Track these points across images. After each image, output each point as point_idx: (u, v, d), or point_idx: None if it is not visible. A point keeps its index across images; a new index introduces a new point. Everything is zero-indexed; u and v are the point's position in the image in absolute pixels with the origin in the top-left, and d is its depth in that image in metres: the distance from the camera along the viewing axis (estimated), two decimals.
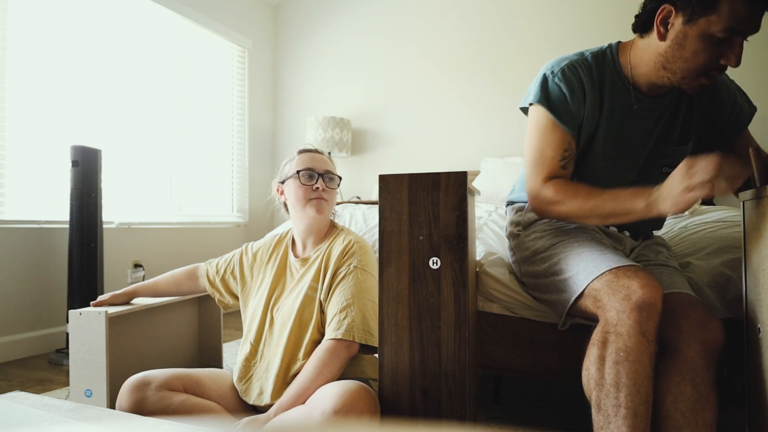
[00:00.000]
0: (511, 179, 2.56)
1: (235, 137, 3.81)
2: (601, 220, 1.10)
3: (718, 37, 0.99)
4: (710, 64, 1.03)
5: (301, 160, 1.35)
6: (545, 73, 1.20)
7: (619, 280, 0.98)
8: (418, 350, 1.13)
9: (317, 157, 1.36)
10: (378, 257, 1.18)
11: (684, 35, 1.02)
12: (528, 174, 1.20)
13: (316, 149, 1.40)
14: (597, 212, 1.08)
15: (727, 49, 1.00)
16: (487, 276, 1.32)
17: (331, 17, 3.89)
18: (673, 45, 1.05)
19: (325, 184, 1.32)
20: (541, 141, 1.18)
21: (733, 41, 0.99)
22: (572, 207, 1.10)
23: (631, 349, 0.92)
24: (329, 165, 1.38)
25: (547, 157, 1.17)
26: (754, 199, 0.96)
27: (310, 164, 1.33)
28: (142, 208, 3.04)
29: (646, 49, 1.12)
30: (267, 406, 1.20)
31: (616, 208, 1.05)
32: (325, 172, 1.34)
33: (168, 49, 3.22)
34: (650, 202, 1.00)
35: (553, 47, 3.07)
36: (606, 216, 1.08)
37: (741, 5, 0.96)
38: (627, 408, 0.91)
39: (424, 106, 3.54)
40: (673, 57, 1.06)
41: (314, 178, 1.32)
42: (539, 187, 1.16)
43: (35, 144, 2.45)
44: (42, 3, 2.48)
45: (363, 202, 2.72)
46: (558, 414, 1.63)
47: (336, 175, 1.37)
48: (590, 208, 1.08)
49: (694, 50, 1.02)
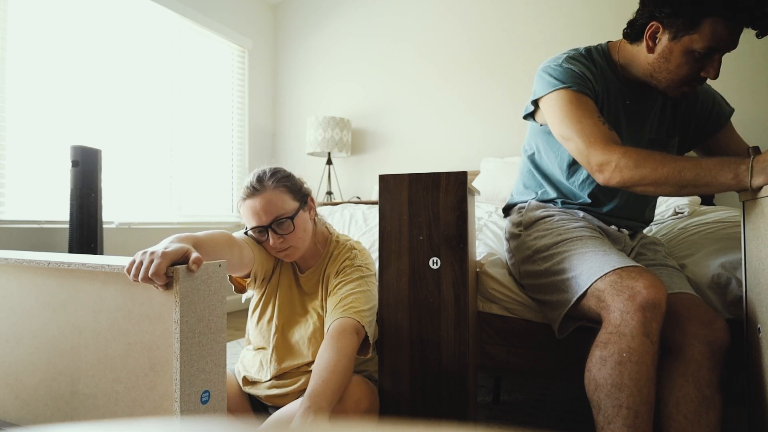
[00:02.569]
0: (511, 179, 2.56)
1: (235, 137, 3.81)
2: (676, 189, 1.01)
3: (700, 53, 1.08)
4: (692, 76, 1.12)
5: (244, 214, 1.18)
6: (548, 65, 1.22)
7: (624, 280, 0.98)
8: (418, 350, 1.13)
9: (258, 205, 1.15)
10: (378, 257, 1.19)
11: (669, 50, 1.12)
12: (581, 151, 1.12)
13: (254, 188, 1.16)
14: (674, 179, 0.99)
15: (708, 63, 1.10)
16: (487, 276, 1.32)
17: (332, 17, 3.89)
18: (659, 58, 1.14)
19: (277, 235, 1.16)
20: (574, 115, 1.13)
21: (712, 57, 1.09)
22: (645, 171, 1.02)
23: (634, 350, 0.92)
24: (275, 207, 1.15)
25: (588, 125, 1.11)
26: (754, 199, 0.96)
27: (254, 220, 1.16)
28: (142, 208, 3.04)
29: (636, 55, 1.20)
30: (278, 400, 1.21)
31: (697, 176, 0.97)
32: (272, 222, 1.15)
33: (168, 49, 3.22)
34: (739, 174, 0.94)
35: (552, 47, 3.07)
36: (683, 185, 0.99)
37: (721, 27, 1.04)
38: (628, 408, 0.91)
39: (424, 106, 3.54)
40: (660, 68, 1.15)
41: (263, 233, 1.17)
42: (602, 155, 1.07)
43: (35, 144, 2.46)
44: (42, 3, 2.48)
45: (363, 202, 2.72)
46: (558, 414, 1.64)
47: (287, 218, 1.15)
48: (667, 174, 1.00)
49: (678, 63, 1.11)
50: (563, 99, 1.15)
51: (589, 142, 1.09)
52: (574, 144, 1.13)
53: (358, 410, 1.05)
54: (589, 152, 1.09)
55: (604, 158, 1.06)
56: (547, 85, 1.19)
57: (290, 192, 1.19)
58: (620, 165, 1.04)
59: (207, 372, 0.84)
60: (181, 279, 0.79)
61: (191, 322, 0.80)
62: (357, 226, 1.78)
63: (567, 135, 1.14)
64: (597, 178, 1.10)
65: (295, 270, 1.28)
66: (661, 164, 1.01)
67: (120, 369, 0.86)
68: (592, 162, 1.09)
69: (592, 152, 1.08)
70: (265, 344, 1.25)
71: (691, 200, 1.73)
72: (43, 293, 0.96)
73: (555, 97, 1.17)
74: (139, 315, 0.84)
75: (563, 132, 1.16)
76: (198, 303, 0.82)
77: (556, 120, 1.17)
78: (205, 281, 0.84)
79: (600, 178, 1.09)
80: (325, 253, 1.27)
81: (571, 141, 1.13)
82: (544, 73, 1.21)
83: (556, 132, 1.18)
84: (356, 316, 1.09)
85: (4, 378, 1.01)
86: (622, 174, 1.04)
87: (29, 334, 0.97)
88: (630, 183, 1.04)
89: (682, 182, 0.99)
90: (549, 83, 1.19)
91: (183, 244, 0.84)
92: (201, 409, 0.83)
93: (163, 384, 0.82)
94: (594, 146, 1.08)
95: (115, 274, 0.87)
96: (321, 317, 1.21)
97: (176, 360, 0.78)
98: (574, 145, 1.13)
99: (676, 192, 1.02)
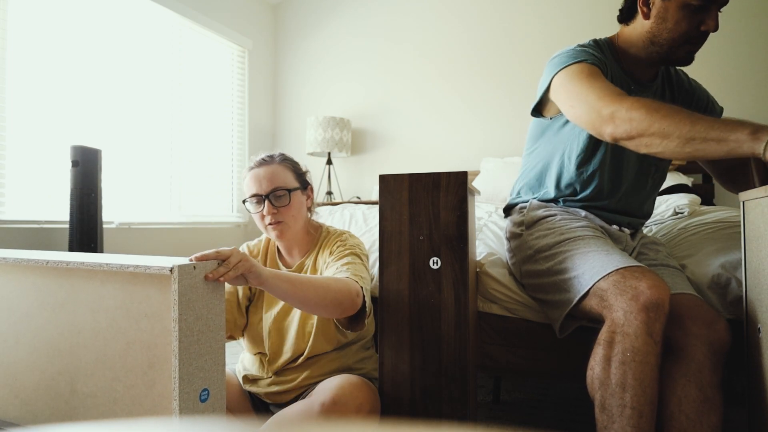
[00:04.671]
0: (511, 179, 2.56)
1: (235, 137, 3.81)
2: (682, 142, 0.94)
3: (696, 5, 1.10)
4: (692, 32, 1.14)
5: (247, 182, 1.23)
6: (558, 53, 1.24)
7: (627, 280, 0.98)
8: (418, 350, 1.13)
9: (261, 173, 1.20)
10: (378, 257, 1.18)
11: (665, 9, 1.14)
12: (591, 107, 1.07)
13: (263, 159, 1.24)
14: (684, 127, 0.93)
15: (705, 16, 1.12)
16: (487, 276, 1.32)
17: (332, 17, 3.89)
18: (656, 20, 1.16)
19: (273, 206, 1.19)
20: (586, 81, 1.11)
21: (709, 8, 1.11)
22: (655, 117, 0.97)
23: (637, 350, 0.92)
24: (277, 178, 1.21)
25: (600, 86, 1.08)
26: (754, 199, 0.96)
27: (254, 187, 1.20)
28: (142, 208, 3.04)
29: (632, 33, 1.23)
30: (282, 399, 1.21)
31: (710, 127, 0.91)
32: (270, 192, 1.19)
33: (168, 49, 3.22)
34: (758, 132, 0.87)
35: (552, 47, 3.06)
36: (692, 137, 0.92)
37: None
38: (632, 408, 0.91)
39: (424, 106, 3.54)
40: (659, 30, 1.17)
41: (260, 203, 1.20)
42: (614, 104, 1.03)
43: (35, 144, 2.45)
44: (42, 3, 2.48)
45: (363, 202, 2.72)
46: (558, 414, 1.63)
47: (286, 190, 1.20)
48: (678, 121, 0.94)
49: (676, 19, 1.14)
50: (575, 70, 1.15)
51: (600, 96, 1.06)
52: (585, 105, 1.08)
53: (360, 413, 1.05)
54: (600, 105, 1.05)
55: (614, 107, 1.02)
56: (560, 64, 1.19)
57: (294, 173, 1.26)
58: (631, 112, 0.99)
59: (206, 370, 0.83)
60: (179, 277, 0.78)
61: (190, 320, 0.80)
62: (357, 226, 1.78)
63: (578, 100, 1.11)
64: (606, 130, 1.04)
65: (278, 266, 1.29)
66: (673, 111, 0.96)
67: (119, 368, 0.86)
68: (603, 113, 1.04)
69: (603, 104, 1.04)
70: (261, 348, 1.25)
71: (691, 200, 1.73)
72: (41, 292, 0.96)
73: (567, 71, 1.17)
74: (137, 313, 0.84)
75: (573, 99, 1.12)
76: (197, 301, 0.82)
77: (567, 91, 1.15)
78: (204, 279, 0.84)
79: (609, 128, 1.03)
80: (316, 242, 1.27)
81: (583, 103, 1.09)
82: (556, 58, 1.23)
83: (566, 105, 1.15)
84: (356, 279, 1.08)
85: (3, 378, 1.01)
86: (632, 122, 0.99)
87: (28, 334, 0.97)
88: (638, 131, 0.98)
89: (690, 133, 0.92)
90: (561, 62, 1.19)
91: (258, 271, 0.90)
92: (200, 408, 0.82)
93: (162, 382, 0.82)
94: (604, 99, 1.05)
95: (114, 273, 0.87)
96: None
97: (175, 358, 0.78)
98: (585, 107, 1.08)
99: (682, 146, 0.94)
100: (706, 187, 2.52)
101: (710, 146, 0.91)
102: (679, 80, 1.34)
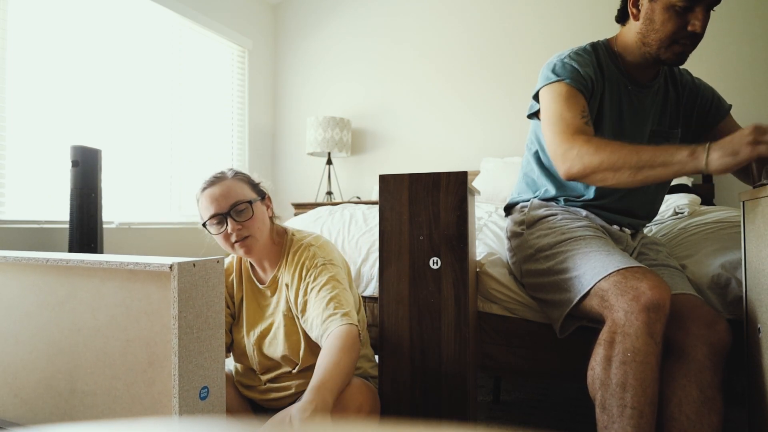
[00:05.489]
0: (511, 179, 2.56)
1: (235, 137, 3.81)
2: (633, 172, 1.01)
3: (680, 6, 1.11)
4: (679, 32, 1.14)
5: (203, 204, 1.18)
6: (552, 60, 1.25)
7: (628, 281, 0.98)
8: (418, 350, 1.13)
9: (217, 191, 1.17)
10: (378, 257, 1.18)
11: (651, 10, 1.16)
12: (551, 141, 1.15)
13: (215, 177, 1.20)
14: (630, 160, 1.00)
15: (692, 16, 1.12)
16: (487, 276, 1.32)
17: (332, 17, 3.89)
18: (645, 21, 1.18)
19: (236, 222, 1.15)
20: (558, 108, 1.16)
21: (694, 9, 1.11)
22: (604, 155, 1.03)
23: (638, 350, 0.92)
24: (234, 193, 1.17)
25: (567, 118, 1.14)
26: (754, 199, 0.96)
27: (212, 207, 1.16)
28: (142, 208, 3.04)
29: (627, 34, 1.24)
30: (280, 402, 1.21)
31: (654, 156, 0.99)
32: (231, 208, 1.15)
33: (168, 49, 3.22)
34: (696, 150, 0.95)
35: (552, 47, 3.07)
36: (641, 166, 1.00)
37: None
38: (633, 408, 0.91)
39: (424, 107, 3.54)
40: (647, 31, 1.18)
41: (221, 223, 1.16)
42: (567, 143, 1.10)
43: (35, 144, 2.45)
44: (42, 3, 2.48)
45: (363, 202, 2.72)
46: (558, 414, 1.63)
47: (246, 203, 1.17)
48: (624, 156, 1.01)
49: (662, 20, 1.15)
50: (555, 92, 1.19)
51: (559, 132, 1.13)
52: (549, 136, 1.15)
53: (360, 414, 1.05)
54: (556, 142, 1.12)
55: (567, 146, 1.09)
56: (544, 80, 1.22)
57: (249, 184, 1.23)
58: (581, 152, 1.06)
59: (205, 368, 0.83)
60: (179, 275, 0.78)
61: (189, 318, 0.80)
62: (357, 226, 1.78)
63: (547, 126, 1.17)
64: (560, 168, 1.11)
65: (254, 283, 1.26)
66: (619, 147, 1.03)
67: (119, 366, 0.86)
68: (557, 151, 1.11)
69: (559, 142, 1.11)
70: (249, 364, 1.25)
71: (691, 200, 1.73)
72: (41, 291, 0.96)
73: (549, 89, 1.20)
74: (137, 311, 0.84)
75: (545, 123, 1.18)
76: (196, 299, 0.82)
77: (543, 111, 1.21)
78: (203, 277, 0.83)
79: (563, 168, 1.10)
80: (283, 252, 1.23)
81: (548, 133, 1.16)
82: (546, 68, 1.24)
83: (542, 123, 1.21)
84: (350, 320, 1.06)
85: (3, 377, 1.01)
86: (582, 160, 1.06)
87: (28, 333, 0.97)
88: (589, 169, 1.05)
89: (638, 163, 1.00)
90: (546, 78, 1.22)
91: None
92: (200, 406, 0.82)
93: (161, 380, 0.82)
94: (561, 135, 1.12)
95: (113, 271, 0.87)
96: (291, 321, 1.19)
97: (175, 356, 0.78)
98: (549, 137, 1.15)
99: (634, 176, 1.01)
100: (706, 187, 2.52)
101: (659, 171, 0.99)
102: (684, 80, 1.34)
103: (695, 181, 2.58)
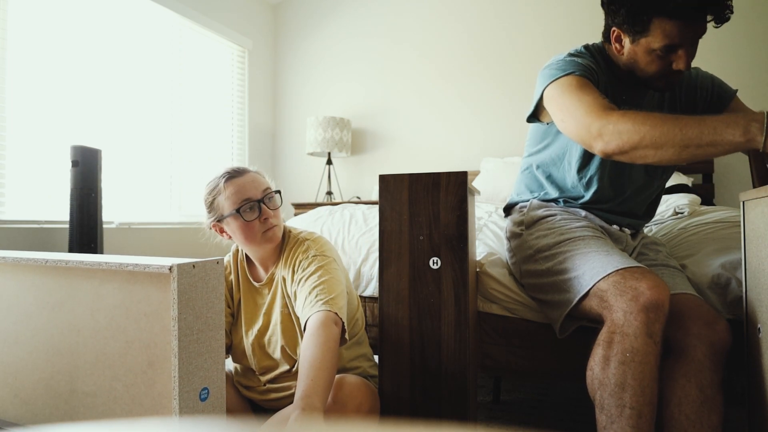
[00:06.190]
0: (511, 179, 2.56)
1: (235, 137, 3.81)
2: (678, 150, 0.93)
3: (661, 51, 1.09)
4: (664, 70, 1.13)
5: (233, 191, 1.16)
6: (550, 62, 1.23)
7: (627, 281, 0.98)
8: (418, 350, 1.13)
9: (248, 179, 1.18)
10: (378, 257, 1.18)
11: (634, 52, 1.15)
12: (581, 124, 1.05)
13: (238, 169, 1.21)
14: (675, 137, 0.92)
15: (675, 57, 1.10)
16: (487, 276, 1.32)
17: (332, 17, 3.89)
18: (628, 58, 1.17)
19: (268, 208, 1.17)
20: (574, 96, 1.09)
21: (675, 52, 1.09)
22: (644, 130, 0.95)
23: (637, 350, 0.92)
24: (262, 180, 1.20)
25: (588, 100, 1.06)
26: (754, 199, 0.96)
27: (246, 193, 1.16)
28: (142, 208, 3.04)
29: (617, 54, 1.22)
30: (278, 401, 1.21)
31: (701, 133, 0.90)
32: (264, 194, 1.18)
33: (168, 49, 3.22)
34: (750, 131, 0.87)
35: (552, 48, 3.07)
36: (686, 144, 0.91)
37: (670, 26, 1.05)
38: (632, 408, 0.91)
39: (424, 107, 3.54)
40: (633, 67, 1.18)
41: (254, 210, 1.16)
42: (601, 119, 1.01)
43: (35, 144, 2.45)
44: (42, 3, 2.48)
45: (363, 202, 2.72)
46: (558, 414, 1.63)
47: (276, 192, 1.21)
48: (667, 131, 0.93)
49: (646, 62, 1.14)
50: (565, 83, 1.13)
51: (588, 112, 1.04)
52: (575, 120, 1.06)
53: (360, 413, 1.05)
54: (588, 121, 1.03)
55: (602, 122, 1.00)
56: (549, 77, 1.18)
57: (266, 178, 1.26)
58: (618, 127, 0.98)
59: (205, 369, 0.83)
60: (179, 276, 0.78)
61: (189, 319, 0.80)
62: (357, 226, 1.77)
63: (568, 114, 1.09)
64: (596, 146, 1.03)
65: (250, 282, 1.26)
66: (661, 121, 0.94)
67: (118, 367, 0.86)
68: (592, 130, 1.02)
69: (592, 120, 1.03)
70: (248, 364, 1.25)
71: (691, 200, 1.73)
72: (41, 292, 0.96)
73: (557, 85, 1.14)
74: (137, 312, 0.84)
75: (564, 113, 1.10)
76: (196, 300, 0.82)
77: (558, 105, 1.13)
78: (203, 278, 0.83)
79: (599, 145, 1.02)
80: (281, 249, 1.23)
81: (572, 118, 1.07)
82: (546, 69, 1.21)
83: (557, 118, 1.14)
84: (329, 306, 1.04)
85: (3, 377, 1.01)
86: (621, 136, 0.97)
87: (28, 333, 0.97)
88: (629, 145, 0.97)
89: (684, 141, 0.91)
90: (551, 75, 1.17)
91: None
92: (200, 407, 0.81)
93: (161, 381, 0.81)
94: (592, 114, 1.03)
95: (113, 272, 0.87)
96: (288, 317, 1.19)
97: (175, 357, 0.78)
98: (575, 122, 1.06)
99: (678, 154, 0.93)
100: (706, 187, 2.52)
101: (707, 150, 0.91)
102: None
103: (695, 181, 2.58)
